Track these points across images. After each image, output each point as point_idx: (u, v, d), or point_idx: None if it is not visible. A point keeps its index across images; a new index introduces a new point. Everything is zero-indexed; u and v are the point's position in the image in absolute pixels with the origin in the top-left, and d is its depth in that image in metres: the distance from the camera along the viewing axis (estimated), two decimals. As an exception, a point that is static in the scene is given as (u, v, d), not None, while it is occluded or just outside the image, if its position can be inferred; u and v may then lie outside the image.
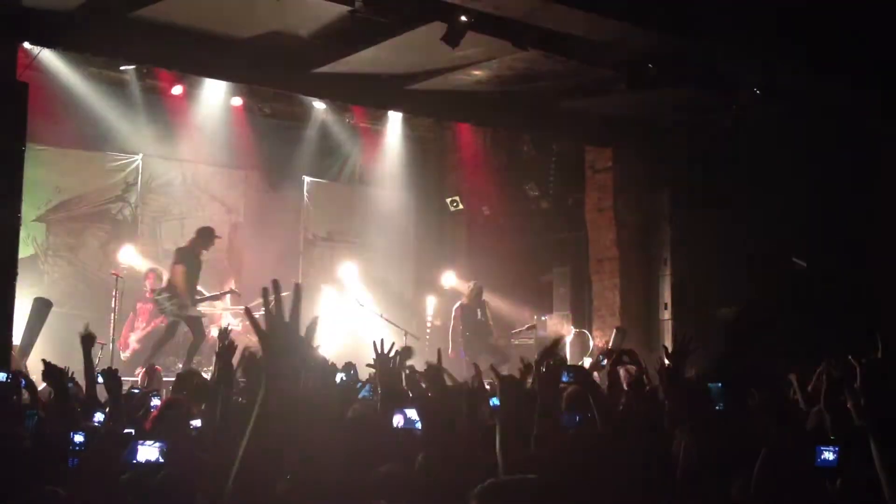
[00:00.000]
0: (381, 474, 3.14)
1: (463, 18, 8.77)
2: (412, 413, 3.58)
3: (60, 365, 5.21)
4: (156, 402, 5.83)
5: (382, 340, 5.05)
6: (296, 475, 2.69)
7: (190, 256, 10.99)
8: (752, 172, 11.52)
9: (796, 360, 6.76)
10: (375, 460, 3.31)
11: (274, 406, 2.02)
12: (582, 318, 13.32)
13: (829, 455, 2.34)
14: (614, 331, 12.34)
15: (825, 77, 10.01)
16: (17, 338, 9.40)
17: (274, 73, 10.71)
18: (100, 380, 5.58)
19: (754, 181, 11.54)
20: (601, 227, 13.03)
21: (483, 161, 15.12)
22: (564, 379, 5.24)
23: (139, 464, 2.82)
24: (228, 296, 12.16)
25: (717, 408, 3.77)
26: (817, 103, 10.72)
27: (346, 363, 7.11)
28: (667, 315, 12.39)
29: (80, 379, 5.99)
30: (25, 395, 7.20)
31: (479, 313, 12.42)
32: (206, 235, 11.18)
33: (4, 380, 6.64)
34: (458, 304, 12.67)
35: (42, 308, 10.50)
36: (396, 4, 8.80)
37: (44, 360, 5.34)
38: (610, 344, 12.24)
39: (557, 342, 5.52)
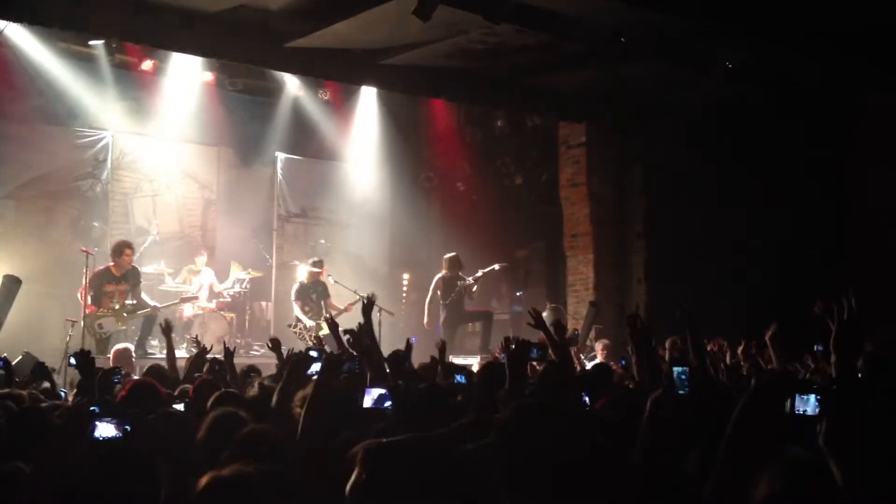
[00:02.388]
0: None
1: (434, -8, 8.72)
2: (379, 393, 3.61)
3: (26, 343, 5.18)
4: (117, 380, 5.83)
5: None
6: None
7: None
8: (725, 148, 11.59)
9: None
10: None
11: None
12: (556, 293, 13.38)
13: (808, 405, 2.35)
14: (588, 305, 12.41)
15: (798, 53, 10.06)
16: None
17: (245, 48, 10.61)
18: (72, 361, 5.57)
19: (727, 157, 11.61)
20: (575, 203, 13.07)
21: (457, 137, 15.11)
22: (533, 355, 5.29)
23: (98, 440, 2.81)
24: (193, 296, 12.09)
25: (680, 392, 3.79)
26: (789, 80, 10.78)
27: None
28: (640, 290, 12.48)
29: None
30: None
31: (457, 286, 12.38)
32: (116, 250, 11.13)
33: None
34: (438, 276, 12.65)
35: (11, 285, 10.41)
36: (368, -23, 8.74)
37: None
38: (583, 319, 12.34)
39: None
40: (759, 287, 11.17)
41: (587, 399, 4.33)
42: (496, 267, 12.58)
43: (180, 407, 4.92)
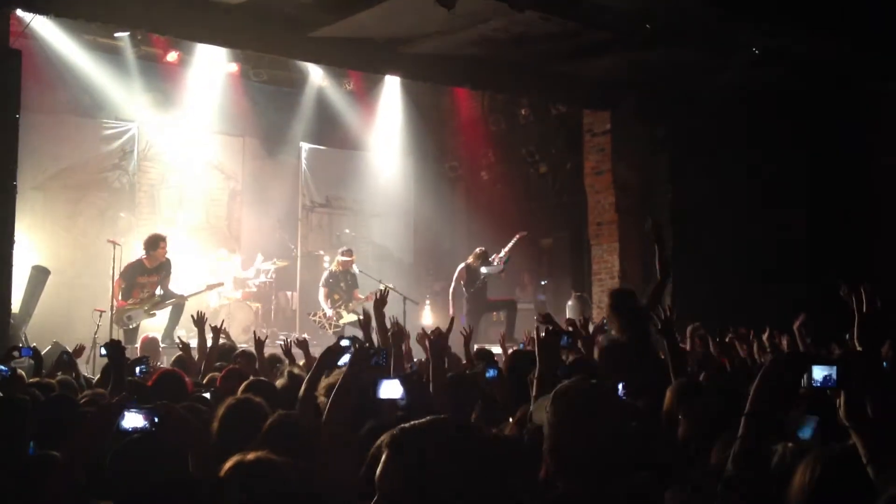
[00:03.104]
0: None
1: (458, -20, 8.69)
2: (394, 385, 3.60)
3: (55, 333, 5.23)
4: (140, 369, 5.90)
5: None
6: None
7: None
8: (752, 135, 11.48)
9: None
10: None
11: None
12: (581, 283, 13.33)
13: (826, 373, 2.33)
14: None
15: (824, 39, 9.93)
16: (15, 306, 9.43)
17: (269, 39, 10.62)
18: (102, 351, 5.62)
19: (754, 144, 11.50)
20: (600, 191, 12.99)
21: (481, 126, 15.07)
22: (563, 343, 5.29)
23: (126, 430, 2.83)
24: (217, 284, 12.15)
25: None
26: (816, 66, 10.65)
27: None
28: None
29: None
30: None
31: (482, 274, 12.40)
32: (151, 243, 11.16)
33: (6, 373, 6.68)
34: (462, 266, 12.66)
35: (40, 276, 10.52)
36: (391, -33, 8.72)
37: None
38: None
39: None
40: (788, 277, 11.06)
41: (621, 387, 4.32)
42: (517, 238, 12.63)
43: (206, 395, 4.95)
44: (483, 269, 12.36)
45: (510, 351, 6.80)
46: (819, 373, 2.30)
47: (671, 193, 12.43)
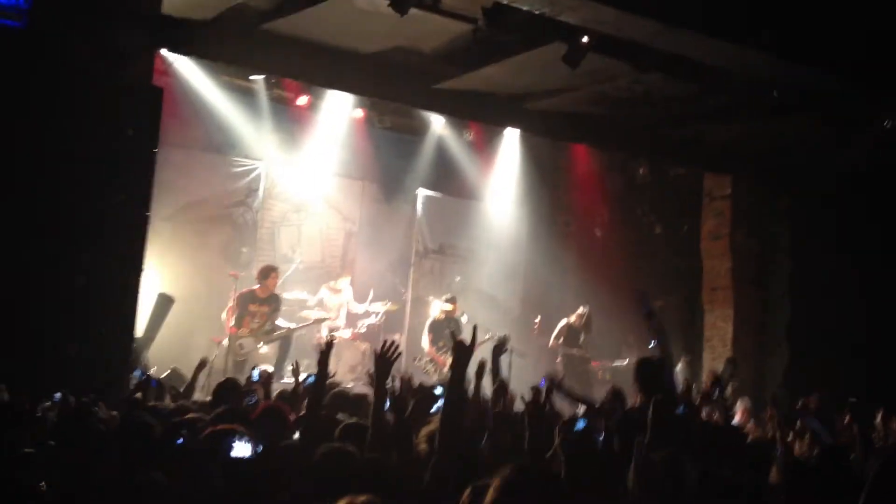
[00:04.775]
0: None
1: (584, 39, 8.77)
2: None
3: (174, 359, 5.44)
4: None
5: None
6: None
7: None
8: (875, 213, 11.08)
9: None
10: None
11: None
12: (690, 347, 13.05)
13: None
14: (725, 361, 12.05)
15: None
16: (139, 330, 9.82)
17: (396, 88, 10.93)
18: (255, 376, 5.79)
19: (876, 222, 11.09)
20: (716, 256, 12.77)
21: (597, 182, 15.02)
22: (680, 411, 5.20)
23: (233, 459, 2.95)
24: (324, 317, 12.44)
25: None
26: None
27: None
28: (783, 352, 12.02)
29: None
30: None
31: (581, 338, 12.38)
32: (263, 273, 11.52)
33: (140, 377, 6.99)
34: (564, 322, 12.62)
35: (165, 303, 10.92)
36: (519, 24, 8.85)
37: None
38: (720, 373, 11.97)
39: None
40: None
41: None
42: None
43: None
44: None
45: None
46: None
47: (790, 264, 12.10)
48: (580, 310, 12.96)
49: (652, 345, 13.74)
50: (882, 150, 10.12)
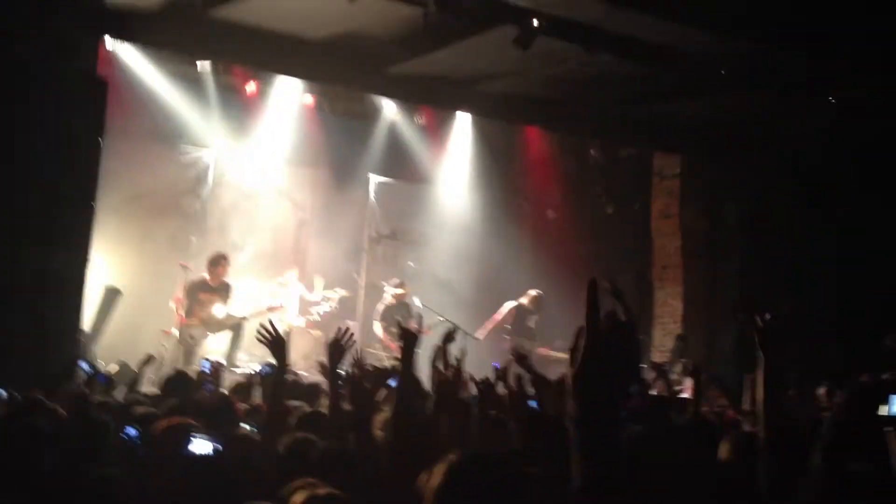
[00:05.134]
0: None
1: (535, 22, 8.77)
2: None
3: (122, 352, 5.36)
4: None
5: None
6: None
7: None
8: (825, 185, 11.28)
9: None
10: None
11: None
12: (643, 325, 13.19)
13: None
14: (675, 338, 12.22)
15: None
16: (86, 324, 9.67)
17: (346, 73, 10.84)
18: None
19: (827, 194, 11.29)
20: (666, 235, 12.90)
21: (549, 164, 15.08)
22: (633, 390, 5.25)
23: (192, 456, 2.91)
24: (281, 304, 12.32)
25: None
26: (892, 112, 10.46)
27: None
28: (731, 327, 12.20)
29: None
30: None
31: (532, 321, 12.49)
32: (214, 261, 11.36)
33: (88, 371, 6.86)
34: (515, 303, 12.70)
35: (112, 296, 10.77)
36: (469, 7, 8.83)
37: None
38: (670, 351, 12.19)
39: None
40: (856, 330, 10.79)
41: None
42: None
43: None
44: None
45: None
46: None
47: (739, 241, 12.27)
48: (533, 292, 13.02)
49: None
50: (830, 126, 10.27)
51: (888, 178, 10.96)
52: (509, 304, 13.07)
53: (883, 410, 2.97)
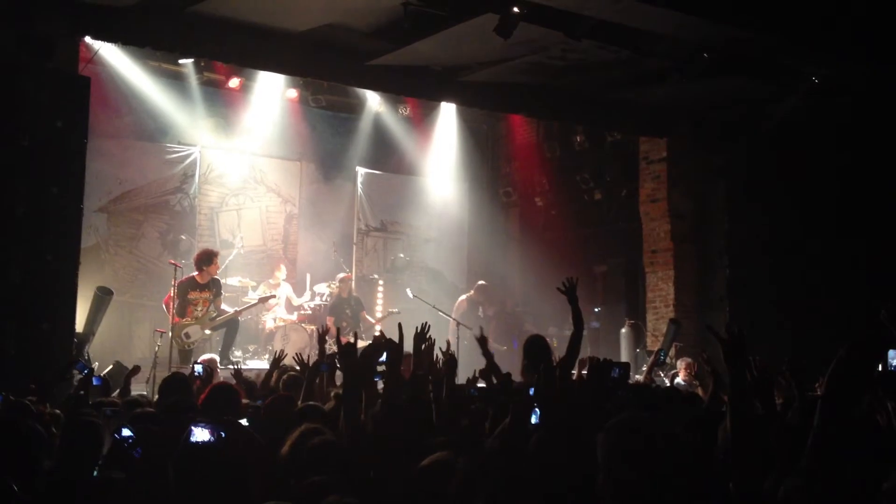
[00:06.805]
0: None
1: (515, 9, 8.77)
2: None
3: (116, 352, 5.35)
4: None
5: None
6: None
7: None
8: (809, 164, 11.33)
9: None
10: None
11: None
12: (635, 310, 13.25)
13: None
14: (668, 322, 12.27)
15: (885, 70, 9.81)
16: (79, 326, 9.66)
17: (329, 66, 10.81)
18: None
19: (812, 173, 11.35)
20: (655, 219, 12.93)
21: (536, 152, 15.11)
22: (614, 374, 5.24)
23: (194, 444, 2.90)
24: (272, 296, 12.32)
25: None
26: (877, 97, 10.51)
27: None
28: (722, 309, 12.25)
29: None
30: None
31: (480, 310, 12.70)
32: (204, 258, 11.32)
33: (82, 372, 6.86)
34: (465, 297, 13.20)
35: (104, 297, 10.75)
36: (449, -4, 8.83)
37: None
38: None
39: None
40: (843, 307, 10.86)
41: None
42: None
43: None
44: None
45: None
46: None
47: (727, 223, 12.31)
48: (479, 283, 13.55)
49: (597, 311, 13.99)
50: (814, 103, 10.30)
51: (872, 155, 11.03)
52: (460, 298, 13.32)
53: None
